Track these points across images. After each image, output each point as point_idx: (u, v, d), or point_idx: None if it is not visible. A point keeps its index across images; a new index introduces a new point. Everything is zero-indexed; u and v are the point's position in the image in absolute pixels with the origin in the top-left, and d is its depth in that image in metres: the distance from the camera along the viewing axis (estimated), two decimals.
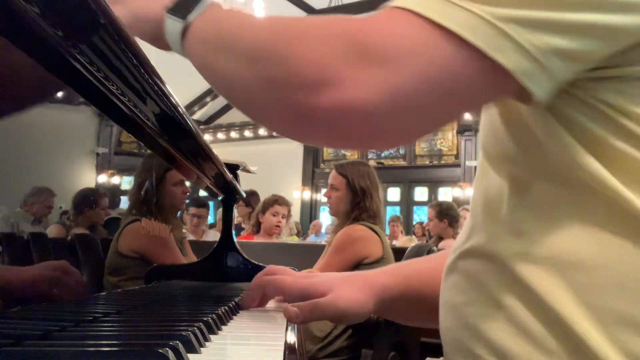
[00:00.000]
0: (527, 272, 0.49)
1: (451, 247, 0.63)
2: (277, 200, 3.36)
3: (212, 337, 0.53)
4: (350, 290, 0.71)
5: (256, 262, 1.30)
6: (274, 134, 0.53)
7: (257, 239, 3.36)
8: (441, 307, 0.62)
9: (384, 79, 0.42)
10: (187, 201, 1.40)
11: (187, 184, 1.23)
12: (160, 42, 0.56)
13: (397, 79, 0.42)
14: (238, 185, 1.34)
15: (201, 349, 0.46)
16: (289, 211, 3.44)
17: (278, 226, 3.31)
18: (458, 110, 0.48)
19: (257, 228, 3.41)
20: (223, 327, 0.61)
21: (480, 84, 0.44)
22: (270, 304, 0.84)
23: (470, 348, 0.53)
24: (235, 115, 10.81)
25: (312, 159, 10.00)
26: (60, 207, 0.66)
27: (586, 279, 0.47)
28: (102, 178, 0.81)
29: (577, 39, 0.42)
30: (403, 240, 6.30)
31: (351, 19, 0.45)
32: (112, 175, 0.85)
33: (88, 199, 0.76)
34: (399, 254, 2.44)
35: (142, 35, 0.59)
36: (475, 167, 0.70)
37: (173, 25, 0.53)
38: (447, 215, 3.95)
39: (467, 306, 0.55)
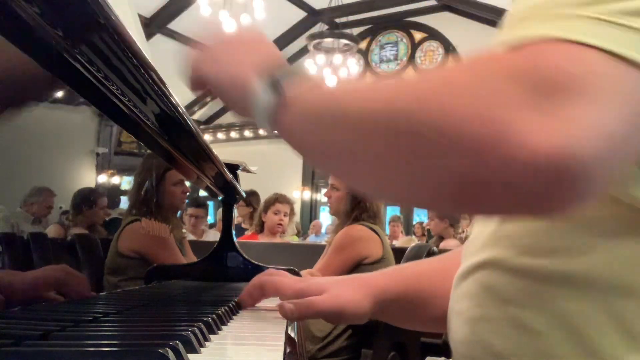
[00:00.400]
0: (565, 294, 0.45)
1: (453, 249, 0.62)
2: (277, 199, 3.36)
3: (212, 337, 0.53)
4: (346, 290, 0.71)
5: (256, 262, 1.30)
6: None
7: (262, 239, 3.36)
8: (452, 316, 0.60)
9: (594, 118, 0.33)
10: (187, 201, 1.40)
11: (187, 183, 1.23)
12: (247, 112, 0.49)
13: (607, 117, 0.34)
14: (238, 185, 1.34)
15: (201, 349, 0.46)
16: (292, 209, 3.43)
17: (280, 224, 3.30)
18: None
19: (261, 228, 3.41)
20: (223, 327, 0.61)
21: None
22: (270, 304, 0.84)
23: None
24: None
25: None
26: (61, 207, 0.66)
27: (635, 308, 0.43)
28: (102, 178, 0.81)
29: None
30: (403, 241, 6.29)
31: (499, 57, 0.37)
32: (112, 175, 0.85)
33: (88, 199, 0.76)
34: (399, 254, 2.44)
35: (227, 100, 0.53)
36: None
37: (266, 102, 0.45)
38: (448, 215, 3.94)
39: (485, 322, 0.52)
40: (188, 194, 1.26)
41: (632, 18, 0.35)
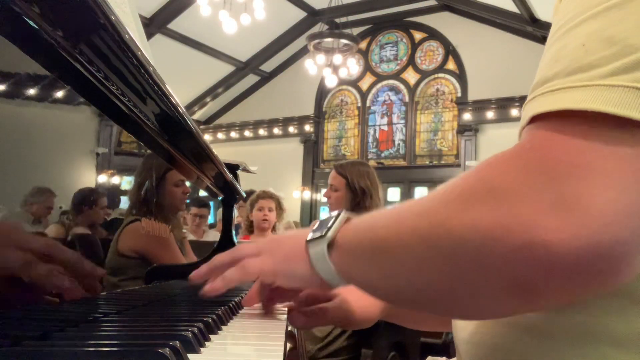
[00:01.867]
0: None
1: None
2: (259, 195, 3.36)
3: (212, 337, 0.53)
4: (356, 295, 0.70)
5: None
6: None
7: (254, 239, 3.35)
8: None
9: (606, 200, 0.34)
10: (187, 201, 1.40)
11: (187, 184, 1.23)
12: (314, 277, 0.53)
13: (620, 194, 0.34)
14: (238, 185, 1.34)
15: (201, 349, 0.46)
16: (279, 204, 3.40)
17: (265, 219, 3.29)
18: None
19: (251, 228, 3.41)
20: (223, 327, 0.61)
21: None
22: None
23: None
24: (235, 115, 10.81)
25: (312, 159, 10.00)
26: (61, 207, 0.66)
27: None
28: (102, 178, 0.81)
29: None
30: None
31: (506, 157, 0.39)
32: (112, 175, 0.85)
33: (88, 199, 0.76)
34: None
35: (293, 280, 0.58)
36: None
37: (317, 249, 0.51)
38: None
39: (493, 324, 0.51)
40: (188, 194, 1.26)
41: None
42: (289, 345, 0.53)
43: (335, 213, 0.53)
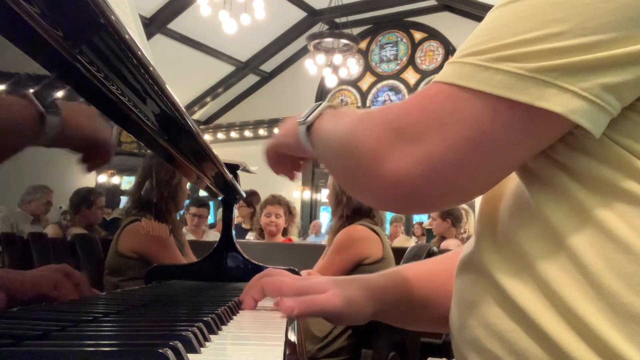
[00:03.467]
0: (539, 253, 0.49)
1: (452, 249, 0.63)
2: (267, 200, 3.39)
3: (212, 337, 0.53)
4: (347, 291, 0.71)
5: (256, 262, 1.30)
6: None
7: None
8: (455, 305, 0.61)
9: (416, 154, 0.49)
10: (187, 202, 1.40)
11: (187, 185, 1.23)
12: (299, 147, 0.72)
13: (427, 151, 0.48)
14: (238, 185, 1.34)
15: (201, 349, 0.46)
16: (289, 209, 3.42)
17: (273, 226, 3.32)
18: (505, 166, 0.51)
19: (262, 232, 3.44)
20: (223, 327, 0.61)
21: (526, 137, 0.47)
22: (270, 304, 0.84)
23: (488, 348, 0.52)
24: (235, 115, 10.80)
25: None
26: (60, 207, 0.66)
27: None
28: (102, 178, 0.81)
29: (621, 71, 0.43)
30: (400, 240, 6.29)
31: (395, 106, 0.54)
32: (112, 175, 0.85)
33: (87, 199, 0.76)
34: (399, 254, 2.44)
35: (289, 148, 0.78)
36: None
37: (301, 130, 0.70)
38: (450, 214, 3.93)
39: (488, 305, 0.54)
40: (188, 194, 1.26)
41: (497, 62, 0.45)
42: (289, 346, 0.53)
43: (319, 103, 0.70)
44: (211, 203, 3.41)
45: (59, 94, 0.60)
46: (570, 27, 0.43)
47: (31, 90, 0.54)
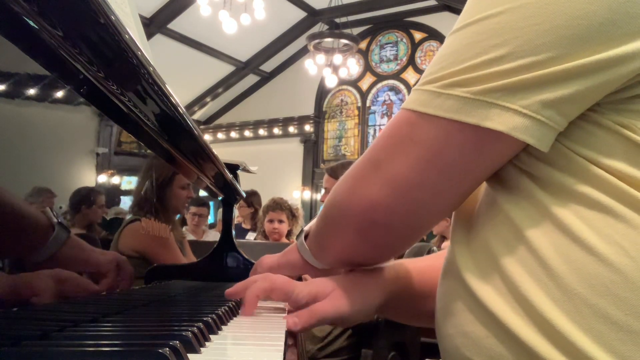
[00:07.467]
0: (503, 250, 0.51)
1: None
2: (269, 206, 3.39)
3: (212, 337, 0.53)
4: (349, 292, 0.70)
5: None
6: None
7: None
8: (437, 312, 0.61)
9: (384, 176, 0.54)
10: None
11: (190, 186, 1.23)
12: (301, 261, 0.78)
13: (393, 173, 0.53)
14: (238, 185, 1.34)
15: (201, 349, 0.46)
16: (292, 213, 3.41)
17: (276, 232, 3.33)
18: (466, 184, 0.54)
19: (265, 234, 3.44)
20: (223, 327, 0.61)
21: (479, 156, 0.50)
22: (269, 304, 0.84)
23: (469, 357, 0.53)
24: (235, 115, 10.81)
25: (312, 159, 10.00)
26: (61, 207, 0.66)
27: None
28: (102, 178, 0.81)
29: (559, 87, 0.45)
30: None
31: (374, 141, 0.58)
32: (112, 175, 0.85)
33: (87, 199, 0.76)
34: None
35: (289, 267, 0.81)
36: None
37: (300, 240, 0.77)
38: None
39: (464, 313, 0.54)
40: (191, 198, 1.26)
41: (448, 88, 0.49)
42: (289, 346, 0.53)
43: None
44: (211, 203, 3.40)
45: (59, 94, 0.60)
46: (509, 50, 0.46)
47: (31, 91, 0.54)
